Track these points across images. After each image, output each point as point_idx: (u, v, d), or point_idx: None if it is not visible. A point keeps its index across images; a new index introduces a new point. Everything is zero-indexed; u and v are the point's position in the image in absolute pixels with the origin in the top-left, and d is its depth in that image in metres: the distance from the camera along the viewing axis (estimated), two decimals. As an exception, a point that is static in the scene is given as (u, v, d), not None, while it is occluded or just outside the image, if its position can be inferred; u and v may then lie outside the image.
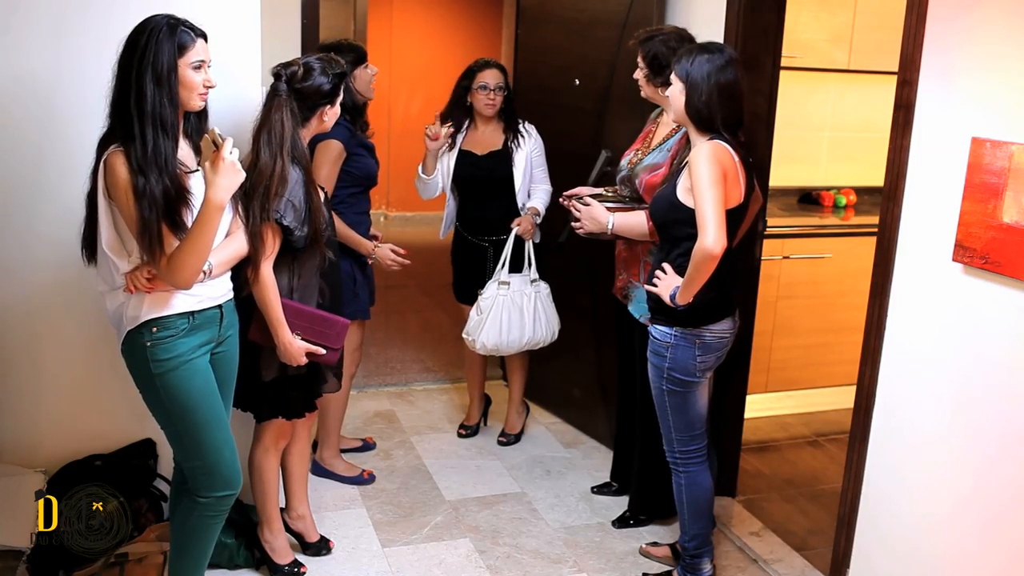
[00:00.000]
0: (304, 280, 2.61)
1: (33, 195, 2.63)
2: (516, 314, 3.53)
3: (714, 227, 2.38)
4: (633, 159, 3.07)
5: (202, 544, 2.45)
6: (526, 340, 3.57)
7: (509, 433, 3.92)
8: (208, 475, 2.35)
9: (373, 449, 3.81)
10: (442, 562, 3.03)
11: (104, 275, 2.25)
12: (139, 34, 2.13)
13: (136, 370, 2.27)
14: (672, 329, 2.63)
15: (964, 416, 2.33)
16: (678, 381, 2.66)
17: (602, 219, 2.96)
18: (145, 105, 2.09)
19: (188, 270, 2.15)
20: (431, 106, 7.93)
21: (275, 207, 2.44)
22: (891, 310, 2.54)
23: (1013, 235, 2.12)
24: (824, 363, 4.24)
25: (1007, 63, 2.15)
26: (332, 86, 2.59)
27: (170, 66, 2.12)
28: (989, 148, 2.17)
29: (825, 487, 3.64)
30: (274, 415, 2.73)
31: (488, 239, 3.63)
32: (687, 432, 2.74)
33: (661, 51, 2.86)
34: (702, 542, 2.85)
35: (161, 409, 2.29)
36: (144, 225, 2.08)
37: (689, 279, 2.47)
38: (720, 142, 2.48)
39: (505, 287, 3.53)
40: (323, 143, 3.14)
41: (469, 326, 3.59)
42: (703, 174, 2.41)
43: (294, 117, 2.51)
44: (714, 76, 2.46)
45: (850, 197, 4.68)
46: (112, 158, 2.11)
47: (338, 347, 2.63)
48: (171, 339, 2.22)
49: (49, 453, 2.76)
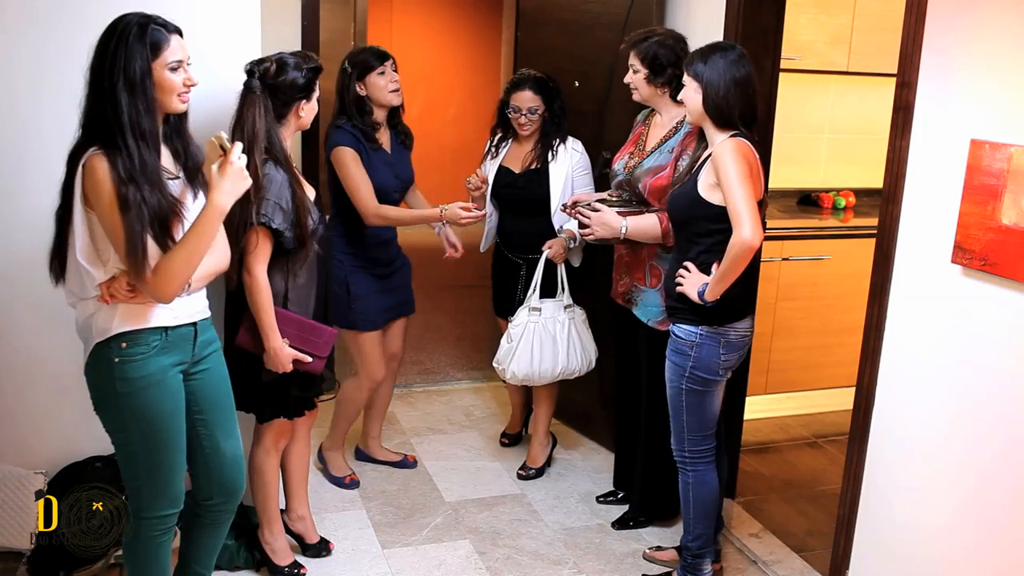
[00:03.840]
0: (301, 280, 2.61)
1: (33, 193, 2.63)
2: (548, 342, 3.34)
3: (750, 220, 2.39)
4: (630, 163, 3.07)
5: (160, 562, 2.31)
6: (559, 370, 3.37)
7: (531, 467, 3.67)
8: (154, 496, 2.22)
9: (414, 467, 3.67)
10: (442, 563, 3.04)
11: (74, 286, 2.11)
12: (108, 37, 2.00)
13: (98, 386, 2.15)
14: (698, 328, 2.62)
15: (963, 418, 2.33)
16: (700, 380, 2.66)
17: (615, 224, 2.93)
18: (122, 116, 1.97)
19: (177, 280, 2.03)
20: (431, 107, 8.05)
21: (262, 211, 2.43)
22: (890, 312, 2.55)
23: (1012, 237, 2.13)
24: (823, 365, 4.24)
25: (1006, 65, 2.16)
26: (306, 80, 2.55)
27: (143, 71, 1.99)
28: (988, 150, 2.17)
29: (824, 489, 3.64)
30: (275, 415, 2.73)
31: (522, 257, 3.46)
32: (700, 432, 2.74)
33: (660, 51, 2.86)
34: (705, 542, 2.85)
35: (121, 428, 2.16)
36: (131, 238, 1.97)
37: (723, 273, 2.47)
38: (742, 139, 2.50)
39: (536, 313, 3.34)
40: (334, 152, 3.10)
41: (499, 354, 3.39)
42: (731, 170, 2.42)
43: (268, 114, 2.48)
44: (729, 72, 2.48)
45: (849, 199, 4.68)
46: (93, 162, 1.98)
47: (325, 355, 2.62)
48: (142, 357, 2.10)
49: (49, 455, 2.76)
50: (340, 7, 5.44)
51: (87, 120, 2.04)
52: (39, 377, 2.76)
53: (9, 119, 2.58)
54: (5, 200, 2.62)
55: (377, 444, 3.68)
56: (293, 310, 2.60)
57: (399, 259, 3.40)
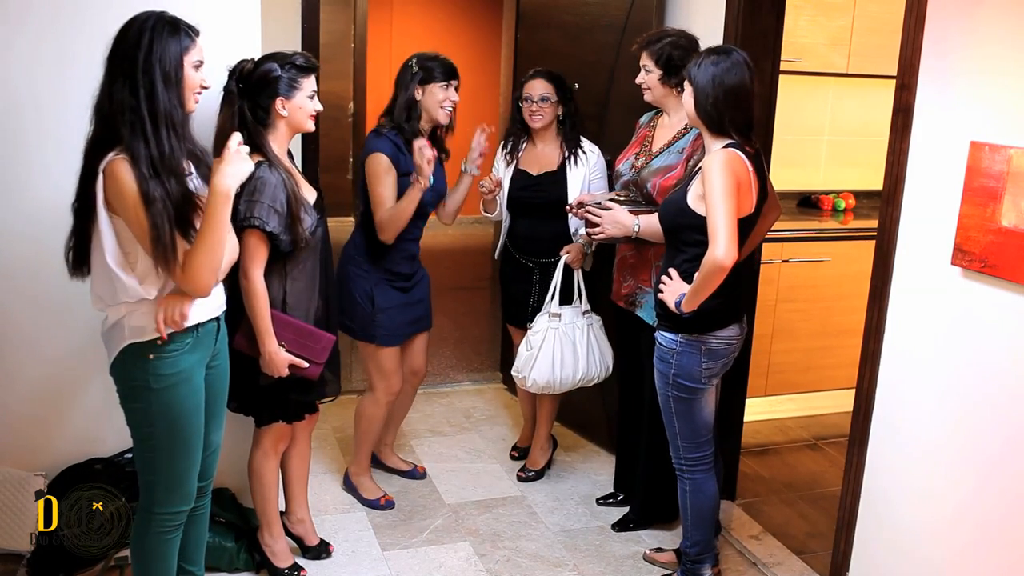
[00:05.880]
0: (300, 284, 2.60)
1: (32, 195, 2.64)
2: (569, 349, 3.29)
3: (725, 239, 2.36)
4: (636, 163, 3.06)
5: (167, 559, 2.34)
6: (579, 377, 3.33)
7: (531, 469, 3.68)
8: (169, 491, 2.27)
9: (423, 478, 3.63)
10: (442, 566, 3.03)
11: (103, 291, 2.14)
12: (139, 32, 2.03)
13: (129, 383, 2.18)
14: (677, 336, 2.62)
15: (963, 419, 2.33)
16: (684, 388, 2.66)
17: (627, 222, 2.92)
18: (158, 106, 2.01)
19: (206, 271, 2.07)
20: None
21: (256, 214, 2.42)
22: (890, 314, 2.55)
23: (1012, 239, 2.13)
24: (823, 366, 4.25)
25: (1006, 67, 2.16)
26: (287, 76, 2.49)
27: (177, 64, 2.05)
28: (988, 152, 2.17)
29: (825, 491, 3.64)
30: (274, 419, 2.73)
31: (535, 261, 3.41)
32: (693, 439, 2.74)
33: (674, 52, 2.86)
34: (704, 548, 2.85)
35: (147, 423, 2.20)
36: (157, 234, 2.00)
37: (696, 288, 2.46)
38: (734, 151, 2.47)
39: (556, 319, 3.29)
40: (369, 158, 3.04)
41: (519, 363, 3.34)
42: (716, 184, 2.40)
43: (243, 116, 2.46)
44: (718, 78, 2.46)
45: (849, 201, 4.69)
46: (115, 167, 2.00)
47: (322, 361, 2.59)
48: (176, 354, 2.16)
49: (49, 456, 2.76)
50: (340, 10, 5.45)
51: (113, 111, 2.03)
52: (39, 379, 2.76)
53: (9, 119, 2.59)
54: (4, 202, 2.62)
55: (389, 451, 3.66)
56: (292, 314, 2.59)
57: (419, 272, 3.32)
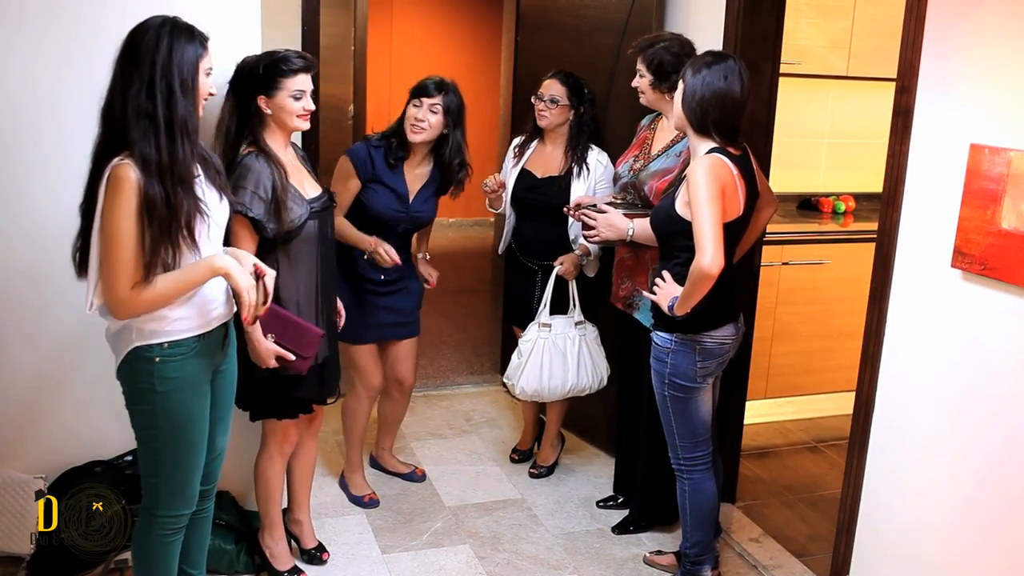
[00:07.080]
0: (291, 276, 2.57)
1: (31, 199, 2.64)
2: (559, 359, 3.32)
3: (711, 247, 2.37)
4: (635, 165, 3.07)
5: (168, 561, 2.34)
6: (569, 387, 3.36)
7: (541, 465, 3.73)
8: (171, 494, 2.27)
9: (423, 481, 3.63)
10: (442, 568, 3.03)
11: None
12: (158, 35, 2.00)
13: (134, 385, 2.18)
14: (672, 335, 2.63)
15: (963, 422, 2.33)
16: (679, 387, 2.67)
17: (622, 226, 2.92)
18: (175, 112, 2.00)
19: (150, 305, 2.05)
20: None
21: (240, 199, 2.41)
22: (890, 316, 2.55)
23: (1012, 241, 2.13)
24: (823, 369, 4.25)
25: (1006, 69, 2.16)
26: (265, 73, 2.47)
27: (194, 70, 2.04)
28: (987, 154, 2.18)
29: (825, 493, 3.64)
30: (266, 414, 2.72)
31: (538, 263, 3.41)
32: (690, 439, 2.74)
33: (665, 58, 2.86)
34: (703, 549, 2.85)
35: (151, 425, 2.19)
36: (154, 246, 1.99)
37: (686, 295, 2.48)
38: (717, 156, 2.48)
39: (546, 329, 3.32)
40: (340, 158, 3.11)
41: (509, 370, 3.38)
42: (701, 191, 2.40)
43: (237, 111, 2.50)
44: (708, 79, 2.47)
45: (849, 203, 4.69)
46: (118, 173, 1.98)
47: (309, 356, 2.54)
48: (182, 358, 2.15)
49: (49, 459, 2.76)
50: (340, 12, 5.45)
51: (125, 115, 1.99)
52: (39, 381, 2.76)
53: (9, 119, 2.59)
54: (3, 205, 2.62)
55: (388, 454, 3.68)
56: (283, 306, 2.55)
57: (403, 281, 3.26)
